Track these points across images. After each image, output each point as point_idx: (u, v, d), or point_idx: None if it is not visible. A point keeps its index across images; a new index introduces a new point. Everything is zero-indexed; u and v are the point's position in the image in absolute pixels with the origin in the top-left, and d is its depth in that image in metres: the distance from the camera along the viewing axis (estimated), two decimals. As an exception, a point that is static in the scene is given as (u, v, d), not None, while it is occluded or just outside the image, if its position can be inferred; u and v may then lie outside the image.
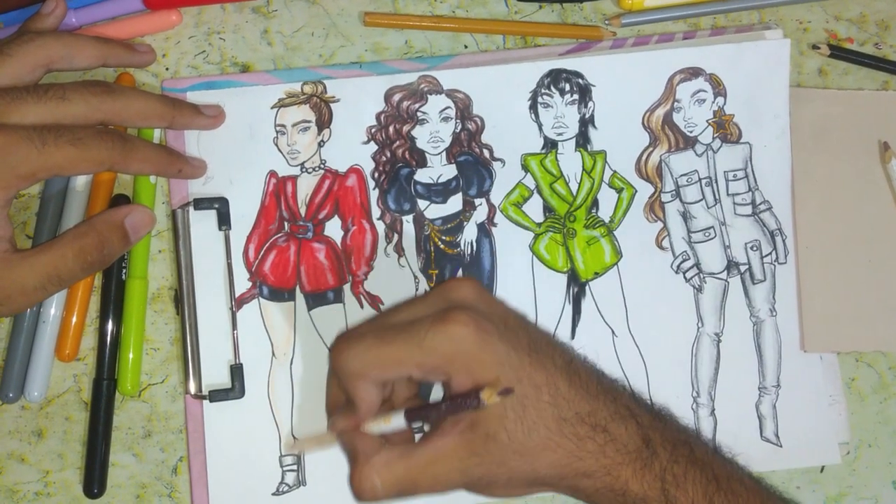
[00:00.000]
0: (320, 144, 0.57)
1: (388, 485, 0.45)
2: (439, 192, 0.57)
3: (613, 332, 0.57)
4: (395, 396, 0.50)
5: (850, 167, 0.59)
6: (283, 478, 0.55)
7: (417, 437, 0.49)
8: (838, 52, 0.60)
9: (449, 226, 0.57)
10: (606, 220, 0.58)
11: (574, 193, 0.58)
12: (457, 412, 0.44)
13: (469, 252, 0.57)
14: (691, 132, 0.59)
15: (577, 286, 0.57)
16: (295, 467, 0.55)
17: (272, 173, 0.57)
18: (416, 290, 0.56)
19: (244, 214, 0.56)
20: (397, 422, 0.46)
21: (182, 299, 0.55)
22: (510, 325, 0.46)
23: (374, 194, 0.57)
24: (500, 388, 0.43)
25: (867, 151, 0.59)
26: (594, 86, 0.58)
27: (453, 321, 0.44)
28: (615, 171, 0.58)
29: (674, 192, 0.58)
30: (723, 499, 0.45)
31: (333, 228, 0.57)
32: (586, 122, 0.58)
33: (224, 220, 0.56)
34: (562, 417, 0.45)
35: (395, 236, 0.57)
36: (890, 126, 0.59)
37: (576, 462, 0.45)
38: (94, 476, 0.54)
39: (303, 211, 0.57)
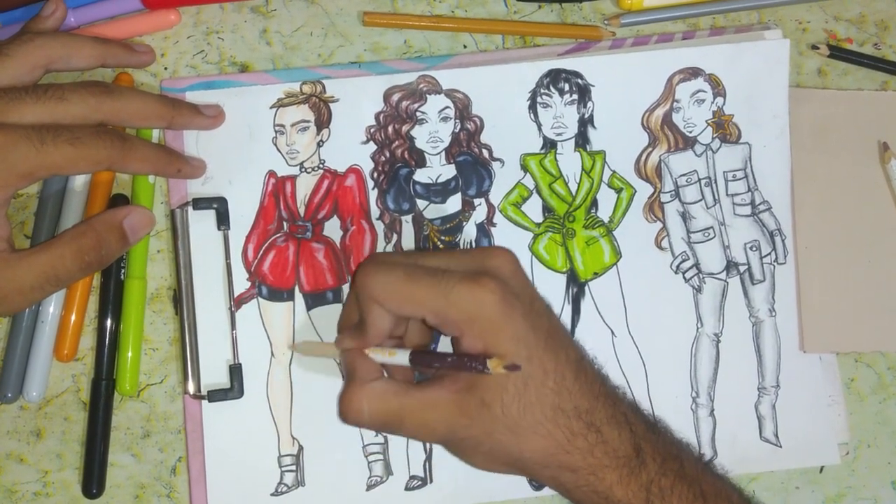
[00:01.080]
0: (319, 144, 0.57)
1: (375, 414, 0.46)
2: (438, 192, 0.57)
3: (613, 333, 0.57)
4: (407, 338, 0.50)
5: (849, 167, 0.59)
6: (281, 478, 0.55)
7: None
8: (837, 53, 0.60)
9: (448, 226, 0.57)
10: (606, 220, 0.58)
11: (573, 193, 0.58)
12: (460, 370, 0.45)
13: (468, 252, 0.57)
14: (691, 132, 0.59)
15: (576, 286, 0.57)
16: (294, 467, 0.55)
17: (271, 173, 0.57)
18: (416, 290, 0.56)
19: (243, 214, 0.56)
20: (401, 358, 0.47)
21: (181, 299, 0.55)
22: (535, 308, 0.47)
23: (373, 194, 0.57)
24: (508, 362, 0.44)
25: (866, 152, 0.59)
26: (593, 86, 0.58)
27: (483, 285, 0.45)
28: (614, 172, 0.58)
29: (673, 193, 0.58)
30: None
31: (332, 228, 0.57)
32: (585, 122, 0.58)
33: (223, 220, 0.56)
34: (560, 407, 0.45)
35: (395, 236, 0.57)
36: (889, 126, 0.59)
37: (562, 454, 0.45)
38: (93, 476, 0.54)
39: (302, 211, 0.57)
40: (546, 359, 0.45)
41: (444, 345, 0.54)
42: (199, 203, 0.56)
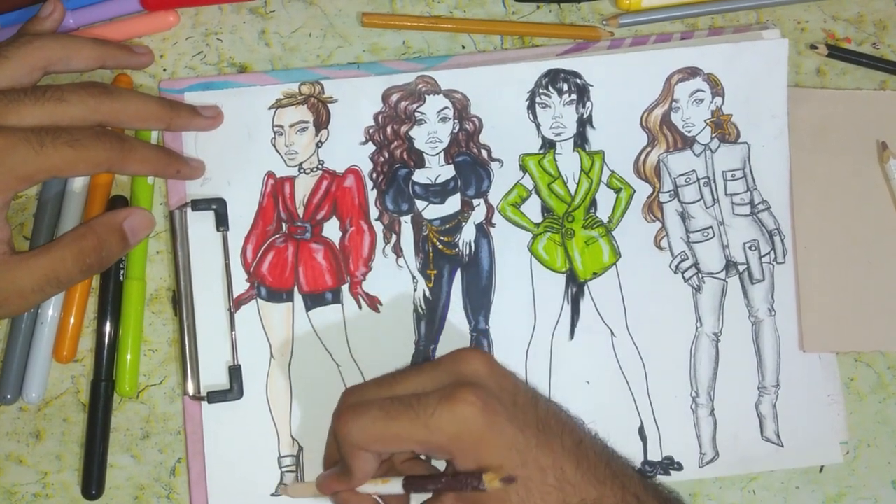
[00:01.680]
0: (318, 145, 0.57)
1: None
2: (437, 192, 0.57)
3: (612, 333, 0.57)
4: (395, 459, 0.49)
5: (848, 167, 0.59)
6: (281, 479, 0.55)
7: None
8: (836, 52, 0.60)
9: (447, 226, 0.57)
10: (605, 220, 0.58)
11: (572, 194, 0.58)
12: (457, 490, 0.44)
13: (467, 252, 0.57)
14: (689, 132, 0.59)
15: (575, 286, 0.57)
16: (294, 468, 0.55)
17: (270, 174, 0.57)
18: (415, 290, 0.56)
19: (242, 215, 0.56)
20: (394, 486, 0.46)
21: (180, 300, 0.55)
22: (519, 404, 0.45)
23: (372, 195, 0.57)
24: (503, 475, 0.42)
25: (865, 151, 0.59)
26: (592, 86, 0.58)
27: (461, 400, 0.43)
28: (613, 171, 0.58)
29: (672, 192, 0.58)
30: None
31: (331, 229, 0.57)
32: (584, 123, 0.58)
33: (222, 221, 0.56)
34: (567, 503, 0.43)
35: (394, 237, 0.57)
36: (888, 126, 0.59)
37: None
38: (93, 477, 0.54)
39: (301, 212, 0.57)
40: (541, 456, 0.44)
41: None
42: (198, 204, 0.56)
